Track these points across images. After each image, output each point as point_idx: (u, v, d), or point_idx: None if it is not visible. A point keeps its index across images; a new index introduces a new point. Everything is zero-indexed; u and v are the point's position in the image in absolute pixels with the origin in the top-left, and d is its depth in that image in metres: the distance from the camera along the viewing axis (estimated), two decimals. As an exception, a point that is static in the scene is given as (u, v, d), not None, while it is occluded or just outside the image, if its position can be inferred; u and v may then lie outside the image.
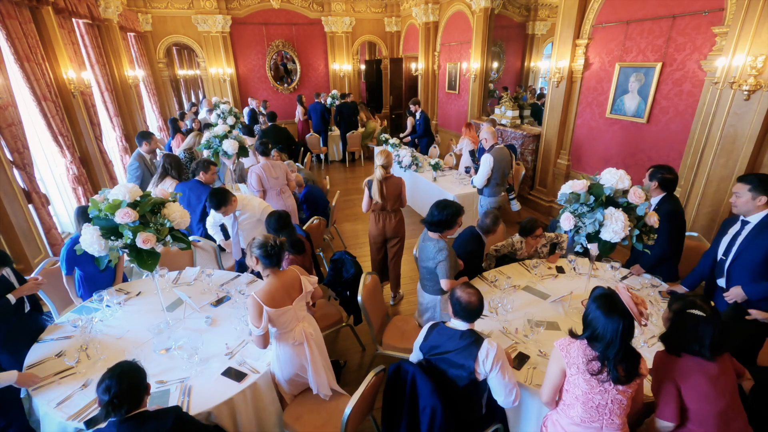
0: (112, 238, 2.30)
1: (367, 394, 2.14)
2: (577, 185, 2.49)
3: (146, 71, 8.96)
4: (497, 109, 7.65)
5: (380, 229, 3.93)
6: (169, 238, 2.42)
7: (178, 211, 2.48)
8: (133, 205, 2.31)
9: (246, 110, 9.05)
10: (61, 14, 5.28)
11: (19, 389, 2.30)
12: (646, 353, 2.29)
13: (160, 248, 2.42)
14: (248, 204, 3.60)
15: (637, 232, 2.42)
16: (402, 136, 8.05)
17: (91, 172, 5.54)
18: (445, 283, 2.81)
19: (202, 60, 9.84)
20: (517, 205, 6.14)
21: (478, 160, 4.91)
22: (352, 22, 10.68)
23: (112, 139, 6.81)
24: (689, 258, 3.22)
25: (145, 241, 2.28)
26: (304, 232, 3.47)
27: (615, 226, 2.33)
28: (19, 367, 2.26)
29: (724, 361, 1.80)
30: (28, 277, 2.70)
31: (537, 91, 8.91)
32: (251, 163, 6.07)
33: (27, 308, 2.69)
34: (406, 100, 10.55)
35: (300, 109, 9.58)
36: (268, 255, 2.20)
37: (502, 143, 4.57)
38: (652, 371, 1.91)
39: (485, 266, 3.48)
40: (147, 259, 2.37)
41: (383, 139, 7.34)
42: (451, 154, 6.92)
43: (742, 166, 3.62)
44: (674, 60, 4.26)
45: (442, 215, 2.79)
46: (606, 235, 2.38)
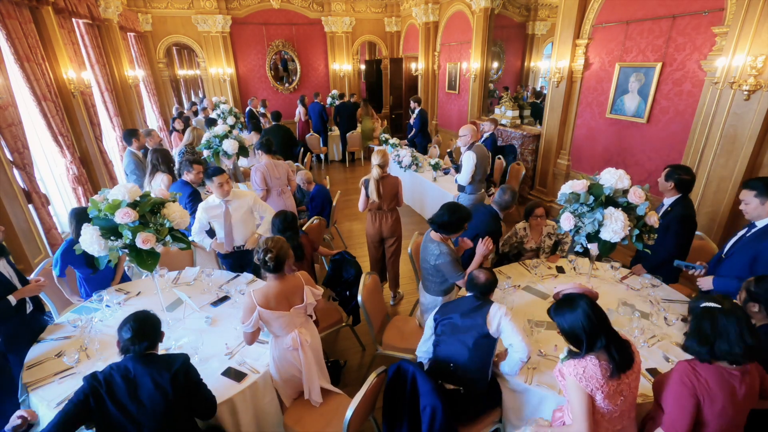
0: (112, 238, 2.30)
1: (369, 396, 2.13)
2: (577, 185, 2.49)
3: (146, 71, 8.96)
4: (497, 109, 7.65)
5: (377, 229, 3.93)
6: (168, 238, 2.43)
7: (178, 211, 2.49)
8: (133, 205, 2.32)
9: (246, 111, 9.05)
10: (61, 14, 5.28)
11: (17, 390, 2.30)
12: (647, 353, 2.29)
13: (159, 248, 2.43)
14: (238, 192, 3.47)
15: (636, 231, 2.43)
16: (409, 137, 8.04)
17: (91, 172, 5.54)
18: (462, 282, 2.78)
19: (202, 60, 9.85)
20: None
21: (458, 161, 4.89)
22: (352, 22, 10.68)
23: (112, 139, 6.80)
24: (692, 257, 3.19)
25: (144, 241, 2.28)
26: (303, 232, 3.46)
27: (615, 226, 2.34)
28: (22, 367, 2.26)
29: (753, 377, 1.68)
30: (30, 278, 2.70)
31: (537, 89, 8.89)
32: (250, 163, 6.08)
33: (30, 309, 2.68)
34: (406, 100, 10.55)
35: (301, 109, 9.58)
36: (264, 263, 2.18)
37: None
38: (669, 379, 1.75)
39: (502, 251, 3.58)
40: (147, 259, 2.38)
41: (383, 139, 7.35)
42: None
43: (742, 166, 3.62)
44: (674, 60, 4.26)
45: (453, 218, 2.75)
46: (606, 235, 2.39)
